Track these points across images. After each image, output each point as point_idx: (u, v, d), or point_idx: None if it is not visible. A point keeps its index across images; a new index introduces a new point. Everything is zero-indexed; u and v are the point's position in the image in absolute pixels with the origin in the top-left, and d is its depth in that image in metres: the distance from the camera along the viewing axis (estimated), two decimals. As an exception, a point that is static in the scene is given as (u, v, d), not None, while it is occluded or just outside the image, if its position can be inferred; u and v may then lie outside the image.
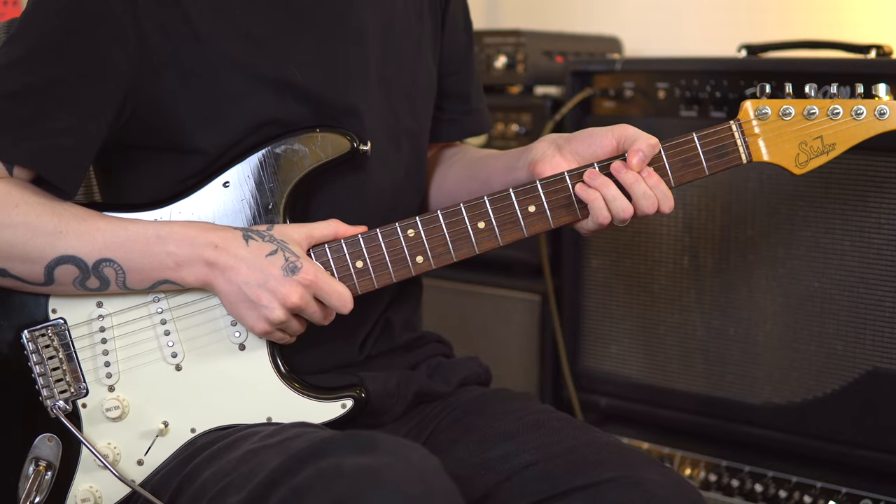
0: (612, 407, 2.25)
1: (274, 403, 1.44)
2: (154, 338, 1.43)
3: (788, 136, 1.51)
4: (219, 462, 1.35)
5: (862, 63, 1.96)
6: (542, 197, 1.46)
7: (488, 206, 1.45)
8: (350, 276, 1.43)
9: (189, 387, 1.43)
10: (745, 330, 2.06)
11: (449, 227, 1.45)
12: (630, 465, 1.38)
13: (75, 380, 1.42)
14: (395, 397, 1.52)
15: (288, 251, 1.40)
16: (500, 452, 1.44)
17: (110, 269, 1.39)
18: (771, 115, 1.51)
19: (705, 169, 1.50)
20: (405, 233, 1.44)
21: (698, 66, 2.11)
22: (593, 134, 1.50)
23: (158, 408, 1.42)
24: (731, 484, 2.08)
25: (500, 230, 1.46)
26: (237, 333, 1.44)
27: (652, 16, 2.77)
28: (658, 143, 1.48)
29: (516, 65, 2.45)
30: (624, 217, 1.46)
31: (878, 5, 2.45)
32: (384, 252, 1.44)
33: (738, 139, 1.51)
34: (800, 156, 1.52)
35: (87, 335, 1.43)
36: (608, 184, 1.46)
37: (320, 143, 1.46)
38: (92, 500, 1.41)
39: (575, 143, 1.51)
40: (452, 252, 1.45)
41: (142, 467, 1.42)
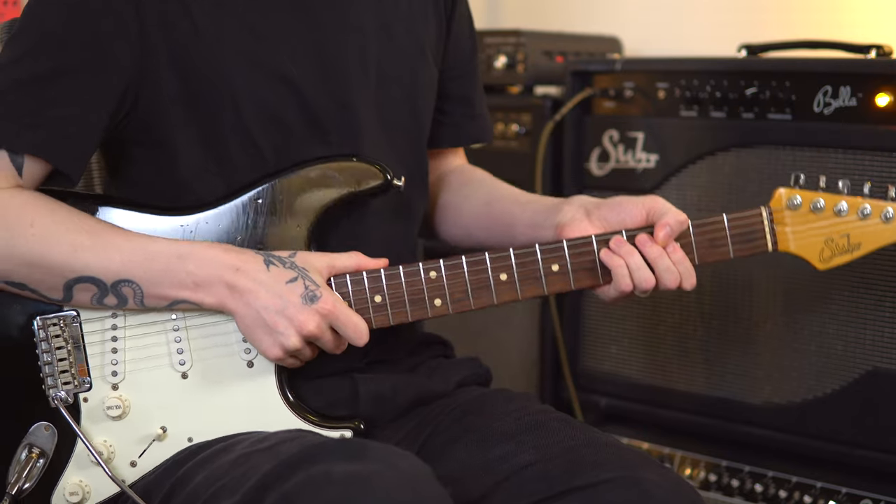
0: (612, 407, 2.25)
1: (274, 424, 1.43)
2: (165, 343, 1.43)
3: (816, 231, 1.53)
4: (211, 466, 1.35)
5: (862, 63, 1.96)
6: (567, 258, 1.47)
7: (513, 259, 1.46)
8: (367, 310, 1.43)
9: (192, 396, 1.43)
10: (745, 330, 2.06)
11: (471, 275, 1.45)
12: (629, 465, 1.38)
13: (80, 373, 1.41)
14: (388, 402, 1.52)
15: (308, 279, 1.39)
16: (498, 453, 1.43)
17: (128, 289, 1.39)
18: (801, 207, 1.52)
19: (730, 252, 1.51)
20: (427, 274, 1.44)
21: (698, 66, 2.11)
22: (623, 203, 1.51)
23: (159, 412, 1.42)
24: (731, 484, 2.08)
25: (520, 285, 1.46)
26: (248, 350, 1.43)
27: (652, 16, 2.77)
28: (687, 219, 1.49)
29: (516, 65, 2.45)
30: (646, 287, 1.47)
31: (878, 5, 2.45)
32: (404, 290, 1.44)
33: (767, 226, 1.52)
34: (825, 251, 1.53)
35: (98, 331, 1.42)
36: (633, 253, 1.46)
37: (354, 173, 1.46)
38: (80, 494, 1.41)
39: (604, 210, 1.51)
40: (471, 300, 1.46)
41: (134, 469, 1.42)
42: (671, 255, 1.47)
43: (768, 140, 2.01)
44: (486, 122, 1.77)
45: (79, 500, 1.41)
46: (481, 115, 1.76)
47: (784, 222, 1.52)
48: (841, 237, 1.52)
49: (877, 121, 1.88)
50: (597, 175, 2.24)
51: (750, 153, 2.04)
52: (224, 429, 1.43)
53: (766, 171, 2.01)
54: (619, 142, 2.20)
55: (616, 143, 2.21)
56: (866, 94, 1.89)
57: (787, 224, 1.52)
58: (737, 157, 2.06)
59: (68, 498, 1.41)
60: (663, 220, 1.47)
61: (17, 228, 1.37)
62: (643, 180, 2.17)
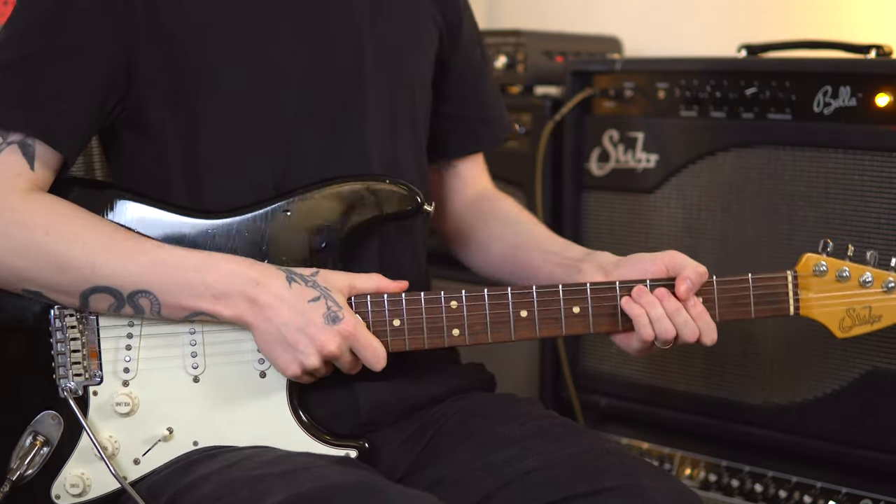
0: (612, 407, 2.25)
1: (280, 437, 1.43)
2: (180, 345, 1.43)
3: (839, 299, 1.53)
4: (218, 480, 1.34)
5: (862, 63, 1.96)
6: (589, 301, 1.46)
7: (535, 297, 1.46)
8: (385, 333, 1.43)
9: (202, 400, 1.43)
10: (745, 330, 2.06)
11: (492, 308, 1.45)
12: (631, 473, 1.38)
13: (93, 366, 1.42)
14: (389, 406, 1.52)
15: (330, 300, 1.38)
16: (502, 457, 1.43)
17: (145, 300, 1.38)
18: (827, 275, 1.52)
19: (752, 312, 1.51)
20: (448, 303, 1.44)
21: (698, 66, 2.11)
22: (642, 260, 1.51)
23: (167, 413, 1.42)
24: (731, 484, 2.08)
25: (540, 324, 1.46)
26: (262, 360, 1.43)
27: (652, 16, 2.77)
28: (706, 271, 1.48)
29: (516, 65, 2.45)
30: (666, 338, 1.46)
31: (878, 5, 2.45)
32: (423, 317, 1.44)
33: (791, 290, 1.52)
34: (846, 320, 1.54)
35: (114, 326, 1.43)
36: (655, 304, 1.46)
37: (387, 195, 1.46)
38: (80, 486, 1.41)
39: (622, 270, 1.51)
40: (489, 333, 1.45)
41: (137, 466, 1.42)
42: (691, 310, 1.46)
43: (768, 140, 2.01)
44: (496, 127, 1.76)
45: (79, 492, 1.41)
46: (493, 118, 1.76)
47: (808, 287, 1.53)
48: (863, 308, 1.53)
49: (877, 121, 1.88)
50: (597, 175, 2.24)
51: (750, 153, 2.04)
52: (230, 436, 1.43)
53: (766, 171, 2.01)
54: (619, 142, 2.20)
55: (616, 143, 2.21)
56: (866, 94, 1.89)
57: (811, 290, 1.53)
58: (737, 157, 2.06)
59: (68, 489, 1.41)
60: (684, 273, 1.47)
61: (34, 236, 1.37)
62: (643, 180, 2.17)
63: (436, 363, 1.60)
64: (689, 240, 2.12)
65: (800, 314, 1.53)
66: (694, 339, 1.46)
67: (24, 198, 1.38)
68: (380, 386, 1.50)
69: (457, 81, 1.70)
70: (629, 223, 2.20)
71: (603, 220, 2.24)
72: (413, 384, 1.54)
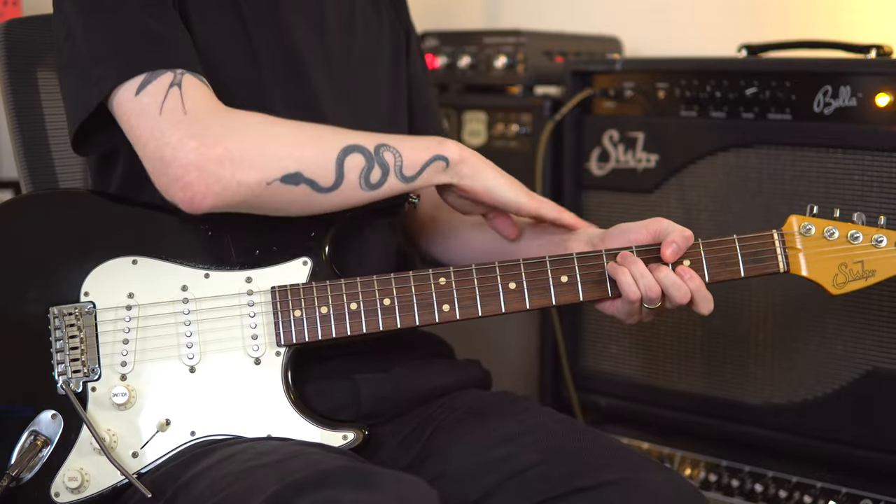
0: (612, 407, 2.25)
1: (277, 422, 1.44)
2: (175, 335, 1.44)
3: (829, 256, 1.52)
4: (214, 475, 1.35)
5: (862, 63, 1.96)
6: (577, 270, 1.48)
7: (522, 269, 1.48)
8: (375, 312, 1.45)
9: (198, 390, 1.44)
10: (745, 330, 2.06)
11: (480, 283, 1.47)
12: (631, 467, 1.38)
13: (91, 362, 1.43)
14: (389, 401, 1.53)
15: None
16: (501, 454, 1.44)
17: (389, 154, 1.42)
18: (814, 233, 1.52)
19: (741, 270, 1.51)
20: (437, 280, 1.46)
21: (698, 66, 2.11)
22: (627, 230, 1.52)
23: (164, 404, 1.44)
24: (731, 484, 2.08)
25: (529, 294, 1.48)
26: (256, 347, 1.45)
27: (652, 16, 2.77)
28: (692, 235, 1.49)
29: (516, 65, 2.45)
30: (651, 296, 1.45)
31: (878, 5, 2.45)
32: (413, 294, 1.46)
33: (779, 249, 1.52)
34: (838, 276, 1.52)
35: (111, 321, 1.44)
36: (636, 262, 1.46)
37: None
38: (79, 480, 1.41)
39: (609, 240, 1.53)
40: (479, 307, 1.47)
41: (136, 459, 1.43)
42: (688, 282, 1.46)
43: (768, 140, 2.01)
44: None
45: (77, 485, 1.41)
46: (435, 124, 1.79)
47: (797, 248, 1.52)
48: (855, 263, 1.52)
49: (877, 121, 1.88)
50: (597, 175, 2.24)
51: (750, 153, 2.04)
52: (228, 425, 1.44)
53: (766, 171, 2.01)
54: (619, 142, 2.20)
55: (616, 143, 2.21)
56: (866, 94, 1.89)
57: (799, 249, 1.52)
58: (737, 157, 2.06)
59: (67, 483, 1.41)
60: (669, 237, 1.47)
61: (271, 123, 1.40)
62: (643, 180, 2.17)
63: (433, 357, 1.61)
64: (689, 240, 2.12)
65: (790, 271, 1.52)
66: (685, 300, 1.46)
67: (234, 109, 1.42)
68: (379, 379, 1.52)
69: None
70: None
71: (603, 220, 2.23)
72: (411, 378, 1.55)
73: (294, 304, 1.45)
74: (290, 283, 1.46)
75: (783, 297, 2.01)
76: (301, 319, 1.44)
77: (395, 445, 1.51)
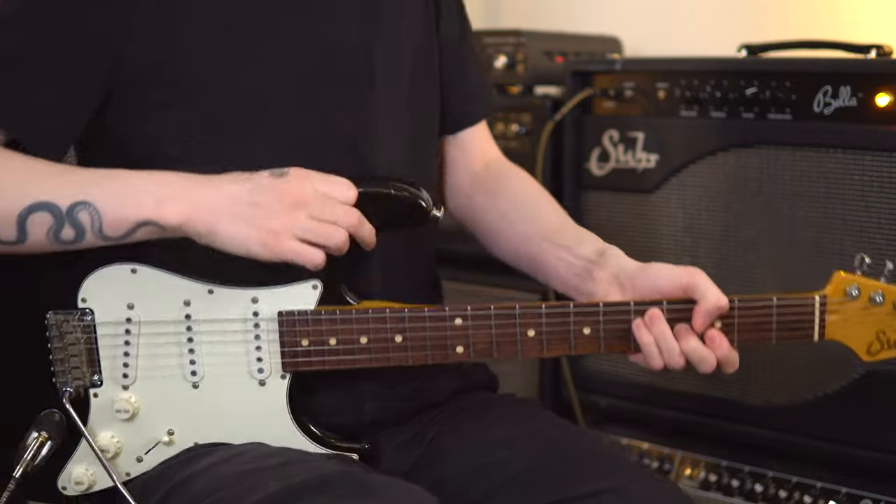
0: (612, 407, 2.25)
1: (280, 440, 1.41)
2: (177, 355, 1.40)
3: (869, 322, 1.42)
4: (213, 475, 1.34)
5: (862, 63, 1.96)
6: (601, 323, 1.39)
7: (544, 317, 1.39)
8: (387, 349, 1.39)
9: (202, 406, 1.41)
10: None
11: (498, 328, 1.39)
12: (622, 476, 1.38)
13: (91, 371, 1.40)
14: (392, 409, 1.52)
15: (270, 170, 1.32)
16: (496, 459, 1.43)
17: (85, 214, 1.30)
18: (859, 299, 1.42)
19: (773, 338, 1.42)
20: (453, 321, 1.39)
21: (698, 66, 2.11)
22: (659, 275, 1.42)
23: (167, 417, 1.41)
24: (731, 484, 2.08)
25: (548, 343, 1.40)
26: (260, 370, 1.40)
27: (652, 16, 2.77)
28: (727, 304, 1.38)
29: (516, 65, 2.45)
30: (674, 365, 1.38)
31: (878, 5, 2.45)
32: (426, 334, 1.39)
33: (817, 317, 1.42)
34: (874, 344, 1.43)
35: (111, 335, 1.40)
36: (666, 335, 1.37)
37: (392, 204, 1.39)
38: (85, 483, 1.41)
39: (638, 284, 1.43)
40: (494, 351, 1.39)
41: (140, 464, 1.42)
42: (716, 350, 1.38)
43: (768, 140, 2.01)
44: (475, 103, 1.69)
45: (84, 488, 1.41)
46: (473, 94, 1.69)
47: (836, 311, 1.43)
48: (894, 331, 1.42)
49: (877, 121, 1.88)
50: (597, 175, 2.24)
51: (750, 153, 2.04)
52: (231, 438, 1.42)
53: (766, 171, 2.01)
54: (619, 142, 2.20)
55: (616, 143, 2.21)
56: (866, 94, 1.89)
57: (839, 313, 1.42)
58: (737, 157, 2.05)
59: (73, 487, 1.41)
60: (703, 304, 1.37)
61: None
62: (643, 180, 2.17)
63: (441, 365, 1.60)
64: (689, 240, 2.12)
65: (825, 338, 1.43)
66: (710, 370, 1.39)
67: None
68: (384, 390, 1.50)
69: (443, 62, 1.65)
70: (629, 223, 2.20)
71: (603, 220, 2.24)
72: (417, 387, 1.54)
73: (301, 334, 1.38)
74: (297, 309, 1.38)
75: (783, 297, 2.01)
76: (308, 350, 1.39)
77: (396, 450, 1.51)
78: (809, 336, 1.43)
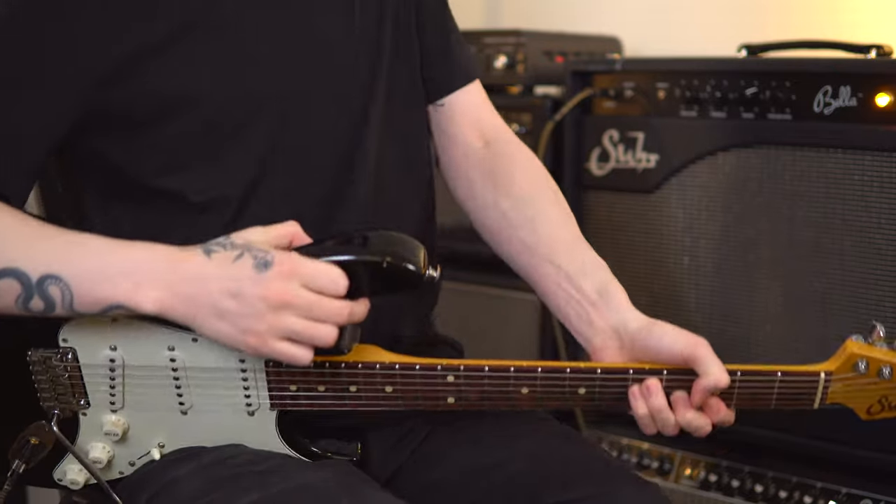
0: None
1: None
2: (165, 391, 1.37)
3: (873, 391, 1.38)
4: (197, 480, 1.33)
5: (862, 63, 1.96)
6: (597, 385, 1.36)
7: (539, 378, 1.36)
8: (377, 398, 1.36)
9: (193, 429, 1.39)
10: (745, 330, 2.06)
11: (492, 385, 1.36)
12: (610, 483, 1.37)
13: (78, 399, 1.37)
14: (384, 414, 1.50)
15: (254, 250, 1.23)
16: (490, 460, 1.43)
17: (56, 289, 1.23)
18: (867, 374, 1.37)
19: (772, 405, 1.38)
20: (445, 378, 1.35)
21: (698, 66, 2.11)
22: (662, 340, 1.37)
23: (157, 434, 1.40)
24: (731, 484, 2.08)
25: (542, 400, 1.37)
26: (249, 404, 1.37)
27: (652, 16, 2.77)
28: (728, 382, 1.33)
29: (516, 65, 2.45)
30: (668, 433, 1.36)
31: (878, 5, 2.45)
32: (417, 387, 1.36)
33: (820, 391, 1.38)
34: (874, 406, 1.40)
35: (95, 375, 1.36)
36: (662, 408, 1.34)
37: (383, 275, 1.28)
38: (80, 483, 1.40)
39: (639, 344, 1.39)
40: (488, 404, 1.37)
41: (133, 467, 1.42)
42: (713, 417, 1.35)
43: (768, 140, 2.01)
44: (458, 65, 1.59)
45: (79, 487, 1.41)
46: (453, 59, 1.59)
47: (841, 381, 1.38)
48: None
49: (877, 121, 1.88)
50: (597, 175, 2.24)
51: (750, 153, 2.04)
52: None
53: (766, 171, 2.01)
54: (619, 142, 2.20)
55: (616, 143, 2.21)
56: (866, 94, 1.89)
57: (843, 382, 1.38)
58: (737, 157, 2.06)
59: (69, 483, 1.41)
60: (703, 381, 1.33)
61: None
62: (643, 180, 2.17)
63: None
64: (689, 240, 2.12)
65: (825, 405, 1.40)
66: (704, 434, 1.37)
67: None
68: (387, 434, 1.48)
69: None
70: (629, 223, 2.20)
71: (603, 220, 2.24)
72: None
73: (289, 381, 1.34)
74: None
75: (783, 297, 2.01)
76: (296, 395, 1.35)
77: (389, 449, 1.49)
78: (809, 405, 1.39)
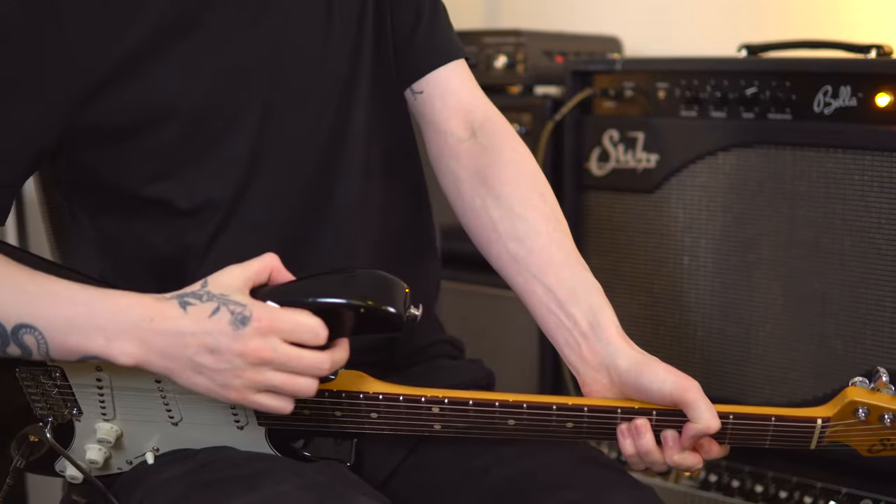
0: (612, 407, 2.25)
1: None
2: (153, 404, 1.37)
3: (873, 434, 1.34)
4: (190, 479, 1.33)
5: (862, 63, 1.96)
6: (584, 421, 1.33)
7: (525, 412, 1.33)
8: (361, 422, 1.35)
9: (186, 438, 1.39)
10: (745, 330, 2.06)
11: (478, 416, 1.34)
12: (599, 485, 1.36)
13: (70, 409, 1.38)
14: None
15: (231, 303, 1.21)
16: (480, 464, 1.42)
17: (31, 338, 1.23)
18: (867, 420, 1.32)
19: (766, 444, 1.34)
20: (430, 409, 1.34)
21: (698, 66, 2.11)
22: (653, 380, 1.33)
23: (151, 440, 1.40)
24: (731, 484, 2.08)
25: (528, 433, 1.35)
26: (238, 420, 1.37)
27: (652, 16, 2.77)
28: (719, 427, 1.30)
29: (516, 65, 2.45)
30: (655, 470, 1.36)
31: (878, 5, 2.45)
32: (401, 415, 1.35)
33: (816, 435, 1.34)
34: (875, 446, 1.35)
35: (84, 390, 1.36)
36: (650, 450, 1.32)
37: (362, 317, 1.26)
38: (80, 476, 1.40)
39: (630, 383, 1.34)
40: (473, 433, 1.36)
41: (130, 465, 1.42)
42: (705, 455, 1.33)
43: (768, 140, 2.01)
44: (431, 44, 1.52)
45: (79, 482, 1.41)
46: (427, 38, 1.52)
47: (840, 423, 1.34)
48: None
49: (877, 121, 1.88)
50: (597, 175, 2.24)
51: (750, 153, 2.04)
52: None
53: (766, 171, 2.01)
54: (619, 142, 2.20)
55: (616, 143, 2.21)
56: (866, 94, 1.89)
57: (843, 425, 1.34)
58: (737, 157, 2.06)
59: (69, 477, 1.41)
60: (694, 427, 1.30)
61: None
62: (643, 180, 2.17)
63: (434, 358, 1.59)
64: (689, 240, 2.12)
65: (823, 446, 1.37)
66: (694, 470, 1.35)
67: None
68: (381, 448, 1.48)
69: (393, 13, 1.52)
70: (629, 223, 2.20)
71: (603, 220, 2.24)
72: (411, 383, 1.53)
73: None
74: None
75: (783, 297, 2.01)
76: (284, 418, 1.32)
77: (385, 450, 1.48)
78: (806, 447, 1.36)
